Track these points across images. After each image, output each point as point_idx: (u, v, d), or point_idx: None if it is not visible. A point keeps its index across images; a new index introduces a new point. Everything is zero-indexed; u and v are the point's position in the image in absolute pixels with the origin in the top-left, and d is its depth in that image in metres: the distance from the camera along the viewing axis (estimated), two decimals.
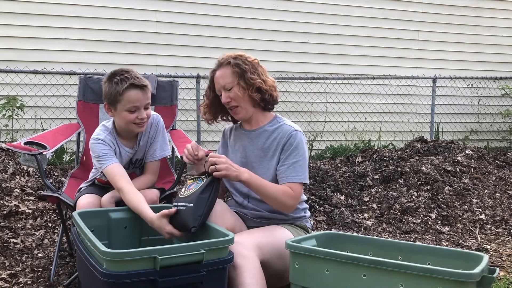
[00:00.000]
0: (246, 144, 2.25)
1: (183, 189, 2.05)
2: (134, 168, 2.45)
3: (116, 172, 2.19)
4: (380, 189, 4.30)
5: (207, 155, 2.09)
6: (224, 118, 2.35)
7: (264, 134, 2.22)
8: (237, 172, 2.02)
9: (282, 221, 2.21)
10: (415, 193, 4.15)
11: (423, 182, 4.29)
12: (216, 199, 2.03)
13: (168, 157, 2.78)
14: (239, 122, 2.34)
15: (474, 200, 4.13)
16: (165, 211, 1.93)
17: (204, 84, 5.72)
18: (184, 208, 1.93)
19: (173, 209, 1.94)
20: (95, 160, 2.29)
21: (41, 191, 3.63)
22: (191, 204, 1.92)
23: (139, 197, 2.08)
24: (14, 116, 5.01)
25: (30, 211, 3.34)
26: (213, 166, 1.98)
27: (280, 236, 2.05)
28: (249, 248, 1.89)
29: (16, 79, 5.18)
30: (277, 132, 2.20)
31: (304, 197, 2.31)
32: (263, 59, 2.34)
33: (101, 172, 2.30)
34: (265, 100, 2.20)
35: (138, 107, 2.21)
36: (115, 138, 2.32)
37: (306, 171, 2.15)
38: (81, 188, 2.43)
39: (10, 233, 3.08)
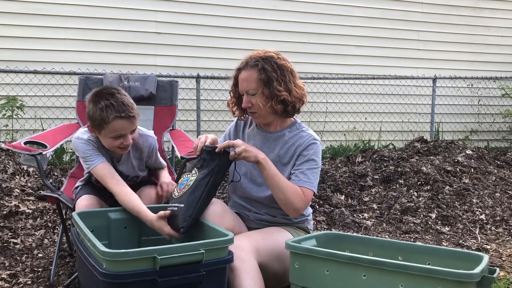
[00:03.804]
0: (261, 144, 2.19)
1: (175, 190, 2.06)
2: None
3: (106, 172, 2.13)
4: (380, 189, 4.30)
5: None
6: None
7: (282, 138, 2.17)
8: (255, 152, 1.98)
9: (283, 224, 2.19)
10: (415, 193, 4.14)
11: (423, 182, 4.28)
12: (210, 197, 2.01)
13: (168, 157, 2.78)
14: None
15: (474, 200, 4.12)
16: (161, 213, 1.93)
17: (204, 84, 5.73)
18: (176, 209, 1.95)
19: (167, 212, 1.94)
20: (81, 160, 2.21)
21: (41, 191, 3.63)
22: (182, 205, 1.93)
23: (135, 198, 2.05)
24: (14, 116, 5.01)
25: (30, 211, 3.34)
26: (232, 153, 1.95)
27: (279, 238, 2.03)
28: (247, 251, 1.89)
29: (16, 79, 5.18)
30: (295, 138, 2.15)
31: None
32: None
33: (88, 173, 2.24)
34: (287, 111, 2.12)
35: (124, 134, 2.11)
36: (98, 141, 2.21)
37: (317, 180, 2.13)
38: (78, 187, 2.37)
39: (10, 233, 3.07)
